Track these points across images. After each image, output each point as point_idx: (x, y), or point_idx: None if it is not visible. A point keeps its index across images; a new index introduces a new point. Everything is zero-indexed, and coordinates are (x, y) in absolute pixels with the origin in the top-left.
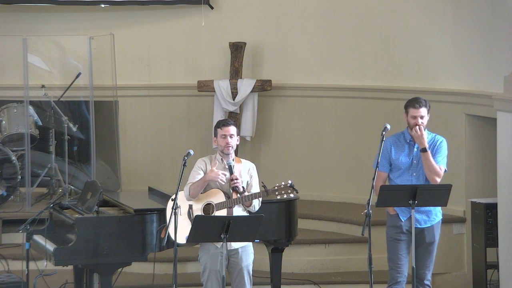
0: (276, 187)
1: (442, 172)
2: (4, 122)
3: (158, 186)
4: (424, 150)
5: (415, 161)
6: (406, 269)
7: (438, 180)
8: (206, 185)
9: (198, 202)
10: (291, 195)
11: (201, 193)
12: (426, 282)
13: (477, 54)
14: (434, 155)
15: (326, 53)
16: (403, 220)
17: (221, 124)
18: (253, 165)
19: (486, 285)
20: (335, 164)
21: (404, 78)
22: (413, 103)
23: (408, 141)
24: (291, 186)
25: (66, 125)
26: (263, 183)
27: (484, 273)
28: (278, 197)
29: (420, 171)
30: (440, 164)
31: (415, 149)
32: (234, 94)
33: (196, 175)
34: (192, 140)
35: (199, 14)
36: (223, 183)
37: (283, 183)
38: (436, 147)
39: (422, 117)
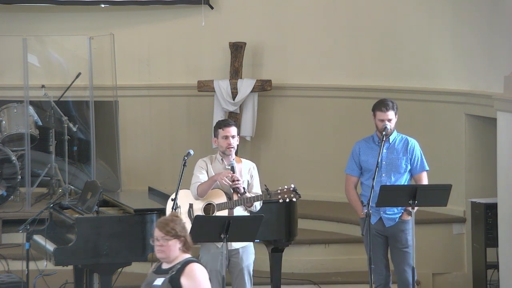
0: (278, 191)
1: (426, 177)
2: (4, 122)
3: (158, 186)
4: (409, 213)
5: (384, 162)
6: (387, 269)
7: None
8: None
9: (199, 202)
10: (294, 199)
11: None
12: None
13: (477, 54)
14: (414, 164)
15: (326, 53)
16: (372, 223)
17: (223, 124)
18: (253, 164)
19: (486, 285)
20: (335, 164)
21: (404, 78)
22: (380, 106)
23: (376, 143)
24: (294, 190)
25: (66, 125)
26: (265, 185)
27: (484, 273)
28: (281, 200)
29: (391, 172)
30: (424, 169)
31: (384, 150)
32: (234, 94)
33: (200, 174)
34: (192, 140)
35: (199, 14)
36: (227, 184)
37: (286, 186)
38: (413, 157)
39: (389, 120)
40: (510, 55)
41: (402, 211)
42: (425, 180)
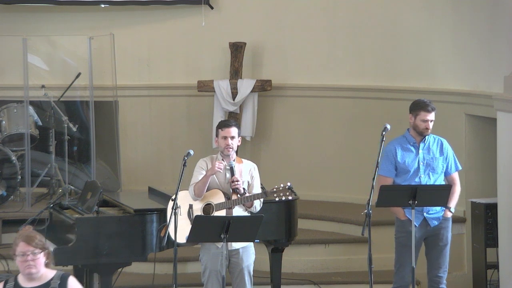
0: (274, 189)
1: (457, 178)
2: (4, 122)
3: (158, 186)
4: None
5: (422, 163)
6: (413, 273)
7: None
8: (207, 185)
9: (198, 202)
10: (290, 198)
11: None
12: (442, 286)
13: (477, 54)
14: (448, 164)
15: (326, 53)
16: (416, 225)
17: (223, 125)
18: (254, 165)
19: (486, 285)
20: (335, 164)
21: (404, 78)
22: (425, 106)
23: (412, 143)
24: (290, 188)
25: (66, 125)
26: (261, 184)
27: (484, 273)
28: (277, 199)
29: (429, 172)
30: (457, 168)
31: (421, 151)
32: (234, 94)
33: (199, 175)
34: (192, 140)
35: (199, 14)
36: (221, 170)
37: (282, 185)
38: (447, 156)
39: (431, 121)
40: (510, 55)
41: (444, 209)
42: (457, 179)
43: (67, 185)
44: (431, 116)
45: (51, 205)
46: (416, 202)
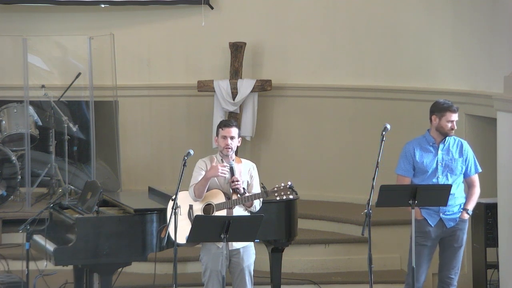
0: (275, 188)
1: (477, 180)
2: (4, 122)
3: (158, 186)
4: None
5: (440, 163)
6: (425, 276)
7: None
8: (207, 186)
9: (199, 202)
10: (290, 197)
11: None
12: (452, 287)
13: (477, 54)
14: (468, 166)
15: (326, 53)
16: (432, 225)
17: (223, 124)
18: (253, 165)
19: (486, 285)
20: (335, 164)
21: (404, 78)
22: (451, 107)
23: (431, 143)
24: (291, 187)
25: (66, 125)
26: (262, 184)
27: (484, 273)
28: (278, 198)
29: (447, 173)
30: (477, 170)
31: (440, 151)
32: (234, 94)
33: (198, 176)
34: (192, 140)
35: (199, 14)
36: (225, 175)
37: (282, 184)
38: (467, 158)
39: (456, 121)
40: (510, 55)
41: (461, 210)
42: (477, 182)
43: (67, 185)
44: (456, 116)
45: (51, 205)
46: (416, 202)
